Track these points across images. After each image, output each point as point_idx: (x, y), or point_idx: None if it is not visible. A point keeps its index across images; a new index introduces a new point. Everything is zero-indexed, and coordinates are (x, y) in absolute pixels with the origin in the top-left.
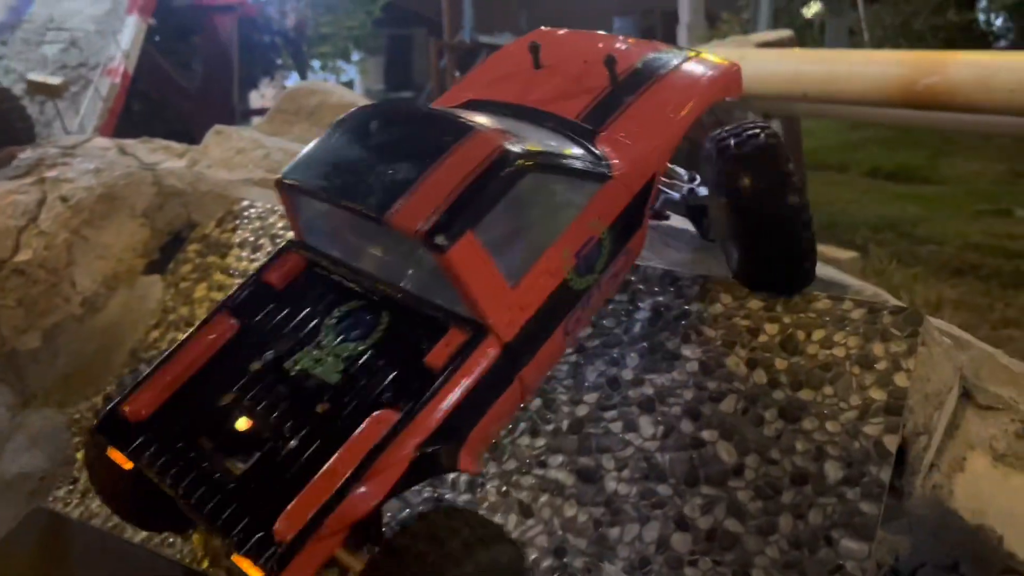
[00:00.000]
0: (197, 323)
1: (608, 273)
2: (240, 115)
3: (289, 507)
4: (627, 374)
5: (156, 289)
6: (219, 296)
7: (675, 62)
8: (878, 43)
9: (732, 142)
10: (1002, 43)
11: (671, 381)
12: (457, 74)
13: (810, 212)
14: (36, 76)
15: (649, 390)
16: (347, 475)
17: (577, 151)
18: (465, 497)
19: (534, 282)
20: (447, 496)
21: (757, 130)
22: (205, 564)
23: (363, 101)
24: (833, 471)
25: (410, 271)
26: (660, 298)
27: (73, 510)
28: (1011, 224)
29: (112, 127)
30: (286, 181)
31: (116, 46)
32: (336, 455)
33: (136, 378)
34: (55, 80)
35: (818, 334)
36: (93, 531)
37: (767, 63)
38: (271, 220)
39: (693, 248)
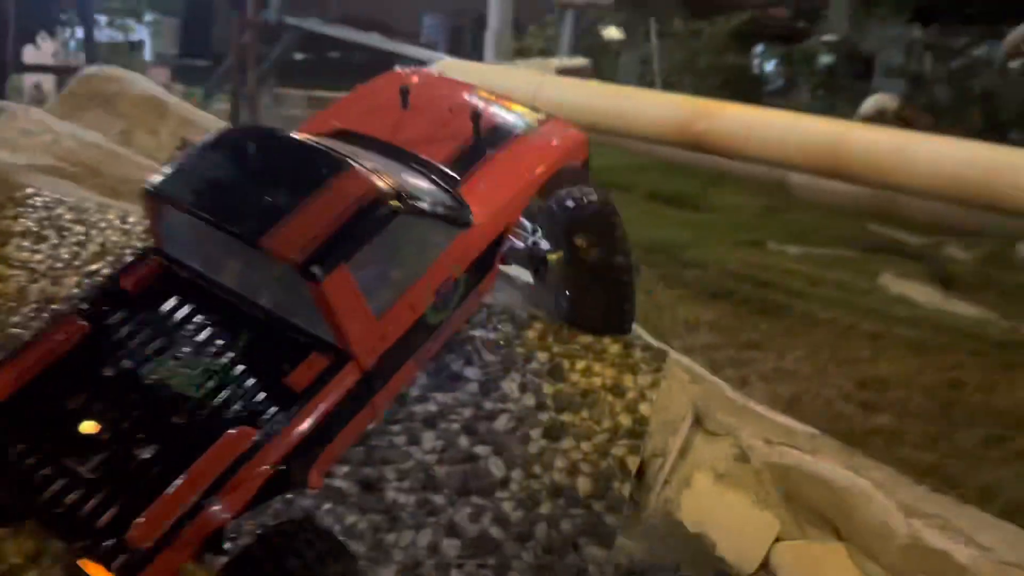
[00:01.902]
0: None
1: (460, 309)
2: (13, 70)
3: (146, 514)
4: (414, 391)
5: None
6: None
7: (532, 124)
8: (666, 76)
9: (573, 205)
10: (772, 87)
11: (453, 400)
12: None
13: (632, 269)
14: None
15: (433, 407)
16: (206, 487)
17: (444, 197)
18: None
19: (397, 315)
20: None
21: (595, 196)
22: None
23: (164, 94)
24: (584, 486)
25: (272, 290)
26: None
27: None
28: (763, 255)
29: None
30: (157, 192)
31: None
32: (195, 466)
33: None
34: None
35: (580, 364)
36: None
37: (565, 92)
38: (58, 211)
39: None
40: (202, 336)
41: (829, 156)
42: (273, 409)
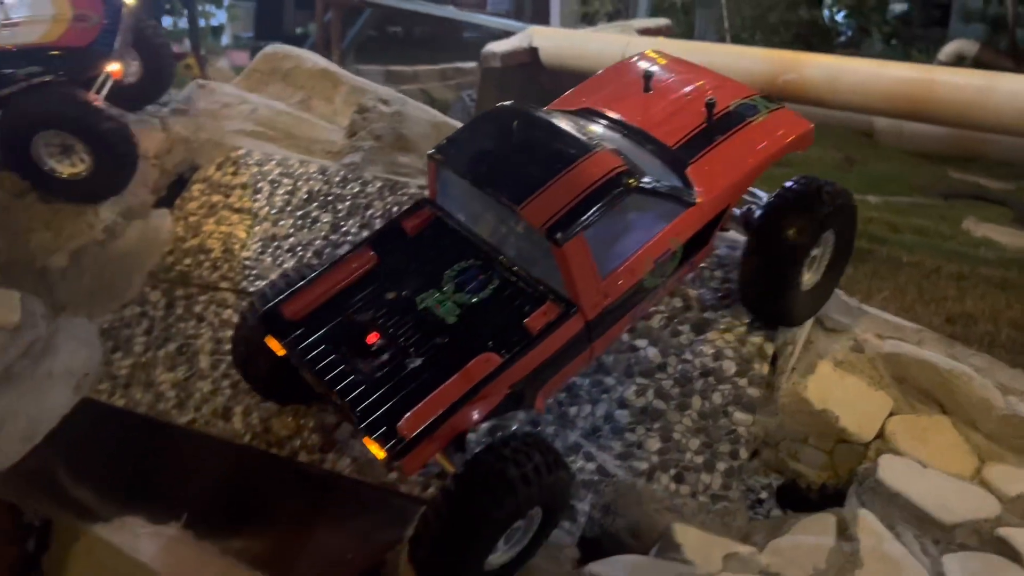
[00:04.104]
0: (344, 251)
1: (674, 276)
2: None
3: (413, 411)
4: None
5: (166, 221)
6: (228, 230)
7: (761, 112)
8: (736, 32)
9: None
10: (843, 38)
11: None
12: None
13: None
14: None
15: None
16: (459, 396)
17: (672, 177)
18: None
19: (619, 278)
20: None
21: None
22: (248, 438)
23: (335, 67)
24: (728, 367)
25: (521, 246)
26: None
27: (117, 400)
28: None
29: None
30: (438, 157)
31: None
32: (452, 378)
33: (289, 283)
34: None
35: (718, 273)
36: (139, 417)
37: None
38: (267, 167)
39: None
40: (463, 276)
41: (915, 100)
42: (514, 342)
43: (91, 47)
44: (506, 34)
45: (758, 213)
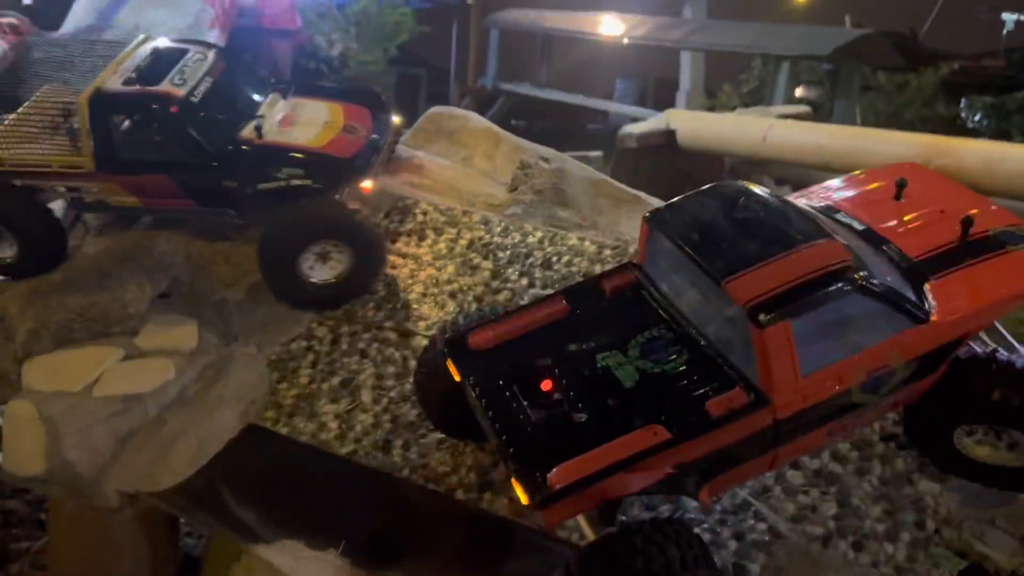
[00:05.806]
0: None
1: (888, 399)
2: None
3: (567, 463)
4: None
5: None
6: (392, 273)
7: None
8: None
9: None
10: (981, 138)
11: None
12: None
13: None
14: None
15: None
16: (617, 460)
17: (904, 287)
18: None
19: (822, 380)
20: None
21: None
22: (406, 472)
23: (495, 127)
24: None
25: (720, 325)
26: None
27: (281, 428)
28: None
29: None
30: (654, 220)
31: None
32: (614, 441)
33: (480, 316)
34: None
35: None
36: (301, 445)
37: (795, 134)
38: (431, 215)
39: None
40: (650, 344)
41: None
42: (689, 421)
43: (352, 160)
44: (634, 122)
45: None
